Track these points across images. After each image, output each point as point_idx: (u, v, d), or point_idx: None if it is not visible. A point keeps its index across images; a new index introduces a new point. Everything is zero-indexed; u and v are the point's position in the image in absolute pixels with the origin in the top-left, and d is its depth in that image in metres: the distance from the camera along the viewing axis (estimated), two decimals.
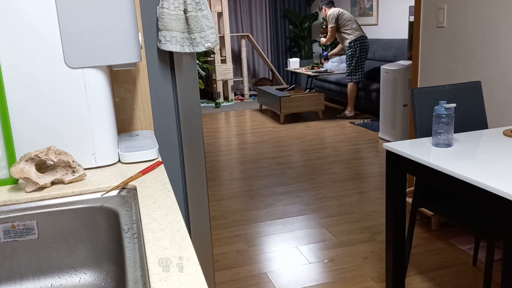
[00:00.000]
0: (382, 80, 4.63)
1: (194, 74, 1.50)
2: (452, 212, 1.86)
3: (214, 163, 4.24)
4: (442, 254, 2.40)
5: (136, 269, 0.70)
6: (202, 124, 1.54)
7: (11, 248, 0.95)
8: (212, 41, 1.40)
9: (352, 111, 5.77)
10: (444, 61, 2.77)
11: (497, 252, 2.36)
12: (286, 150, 4.56)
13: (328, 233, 2.70)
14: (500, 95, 2.41)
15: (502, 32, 2.35)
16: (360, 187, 3.44)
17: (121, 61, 1.12)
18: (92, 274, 0.99)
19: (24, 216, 0.94)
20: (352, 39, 5.50)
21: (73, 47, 1.08)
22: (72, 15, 1.06)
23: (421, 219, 2.80)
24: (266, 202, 3.23)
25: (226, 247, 2.59)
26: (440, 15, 2.74)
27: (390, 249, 1.87)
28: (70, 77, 1.09)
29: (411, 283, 2.15)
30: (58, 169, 1.05)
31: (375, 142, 4.65)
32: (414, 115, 2.00)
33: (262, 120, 6.02)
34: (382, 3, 6.42)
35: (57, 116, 1.11)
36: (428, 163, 1.56)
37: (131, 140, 1.30)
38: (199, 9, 1.36)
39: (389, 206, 1.83)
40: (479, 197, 1.39)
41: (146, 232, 0.79)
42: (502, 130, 1.90)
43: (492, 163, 1.49)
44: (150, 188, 1.01)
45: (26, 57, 1.06)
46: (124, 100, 1.43)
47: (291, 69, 7.04)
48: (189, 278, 0.64)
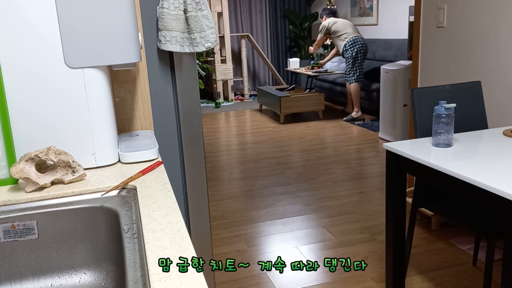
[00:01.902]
0: (382, 80, 4.63)
1: (194, 74, 1.50)
2: (452, 212, 1.86)
3: (214, 163, 4.24)
4: (442, 254, 2.40)
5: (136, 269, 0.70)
6: (202, 124, 1.54)
7: (11, 248, 0.95)
8: (212, 41, 1.40)
9: (359, 111, 5.72)
10: (444, 61, 2.77)
11: (497, 252, 2.36)
12: (286, 150, 4.56)
13: (328, 233, 2.70)
14: (500, 95, 2.40)
15: (502, 32, 2.35)
16: (360, 187, 3.44)
17: (121, 61, 1.12)
18: (92, 274, 0.99)
19: (24, 216, 0.94)
20: (346, 42, 5.50)
21: (73, 47, 1.08)
22: (72, 15, 1.06)
23: (421, 219, 2.80)
24: (266, 202, 3.22)
25: (226, 247, 2.59)
26: (440, 15, 2.74)
27: (390, 249, 1.87)
28: (70, 77, 1.09)
29: (411, 283, 2.15)
30: (58, 169, 1.04)
31: (375, 142, 4.65)
32: (414, 115, 2.00)
33: (262, 120, 6.02)
34: (382, 3, 6.42)
35: (57, 116, 1.11)
36: (428, 163, 1.56)
37: (131, 140, 1.30)
38: (199, 9, 1.36)
39: (389, 206, 1.83)
40: (479, 197, 1.39)
41: (146, 232, 0.79)
42: (502, 130, 1.90)
43: (492, 163, 1.49)
44: (150, 188, 1.00)
45: (26, 57, 1.06)
46: (124, 100, 1.43)
47: (291, 69, 7.04)
48: (189, 278, 0.64)
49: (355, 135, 5.00)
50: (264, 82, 8.53)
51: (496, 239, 1.66)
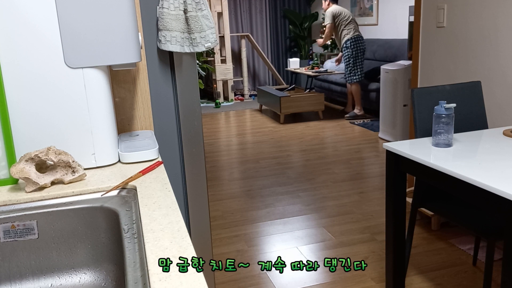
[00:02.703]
0: (382, 80, 4.63)
1: (194, 74, 1.50)
2: (452, 212, 1.86)
3: (214, 163, 4.24)
4: (442, 254, 2.39)
5: (136, 269, 0.70)
6: (202, 124, 1.54)
7: (11, 248, 0.95)
8: (212, 41, 1.40)
9: (361, 110, 5.74)
10: (444, 61, 2.77)
11: (497, 252, 2.36)
12: (286, 150, 4.56)
13: (328, 233, 2.70)
14: (500, 95, 2.40)
15: (502, 32, 2.35)
16: (360, 187, 3.43)
17: (121, 61, 1.12)
18: (92, 274, 0.99)
19: (24, 216, 0.94)
20: (348, 38, 5.47)
21: (73, 47, 1.08)
22: (72, 15, 1.06)
23: (421, 219, 2.80)
24: (266, 202, 3.22)
25: (226, 247, 2.59)
26: (440, 15, 2.74)
27: (390, 249, 1.87)
28: (70, 77, 1.09)
29: (411, 283, 2.15)
30: (58, 169, 1.05)
31: (375, 142, 4.65)
32: (414, 115, 2.00)
33: (262, 120, 6.02)
34: (382, 3, 6.42)
35: (57, 116, 1.11)
36: (428, 163, 1.56)
37: (131, 140, 1.30)
38: (199, 9, 1.36)
39: (389, 206, 1.83)
40: (479, 197, 1.39)
41: (146, 232, 0.79)
42: (502, 130, 1.90)
43: (492, 163, 1.49)
44: (150, 188, 1.00)
45: (26, 57, 1.06)
46: (124, 100, 1.43)
47: (291, 69, 7.04)
48: (189, 278, 0.64)
49: (355, 135, 5.00)
50: (264, 82, 8.53)
51: (496, 239, 1.66)
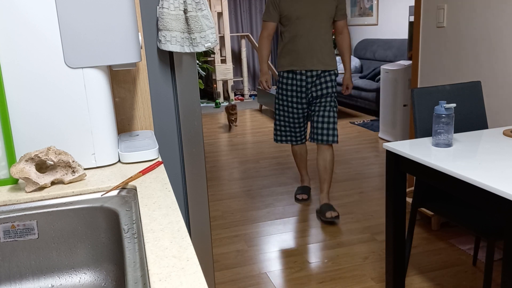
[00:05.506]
0: (382, 80, 4.63)
1: (194, 74, 1.50)
2: (452, 212, 1.86)
3: (214, 163, 4.24)
4: (442, 254, 2.39)
5: (136, 269, 0.70)
6: (202, 124, 1.54)
7: (11, 248, 0.95)
8: (212, 41, 1.40)
9: None
10: (444, 61, 2.77)
11: (497, 252, 2.36)
12: (286, 150, 4.56)
13: (328, 233, 2.70)
14: (500, 95, 2.40)
15: (502, 32, 2.35)
16: (360, 187, 3.43)
17: (121, 61, 1.12)
18: (92, 274, 0.99)
19: (24, 216, 0.94)
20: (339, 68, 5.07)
21: (73, 47, 1.08)
22: (72, 15, 1.06)
23: (421, 219, 2.80)
24: (266, 202, 3.22)
25: (226, 247, 2.59)
26: (440, 15, 2.74)
27: (390, 249, 1.87)
28: (70, 77, 1.09)
29: (411, 283, 2.15)
30: (58, 169, 1.05)
31: (375, 142, 4.65)
32: (414, 115, 2.00)
33: (262, 120, 6.02)
34: (382, 3, 6.42)
35: (57, 116, 1.11)
36: (428, 163, 1.56)
37: (131, 140, 1.30)
38: (199, 9, 1.36)
39: (389, 206, 1.83)
40: (479, 197, 1.39)
41: (146, 232, 0.79)
42: (502, 130, 1.90)
43: (492, 163, 1.49)
44: (150, 188, 1.00)
45: (26, 57, 1.06)
46: (124, 100, 1.43)
47: None
48: (189, 278, 0.64)
49: (355, 135, 5.00)
50: None
51: (496, 239, 1.66)
